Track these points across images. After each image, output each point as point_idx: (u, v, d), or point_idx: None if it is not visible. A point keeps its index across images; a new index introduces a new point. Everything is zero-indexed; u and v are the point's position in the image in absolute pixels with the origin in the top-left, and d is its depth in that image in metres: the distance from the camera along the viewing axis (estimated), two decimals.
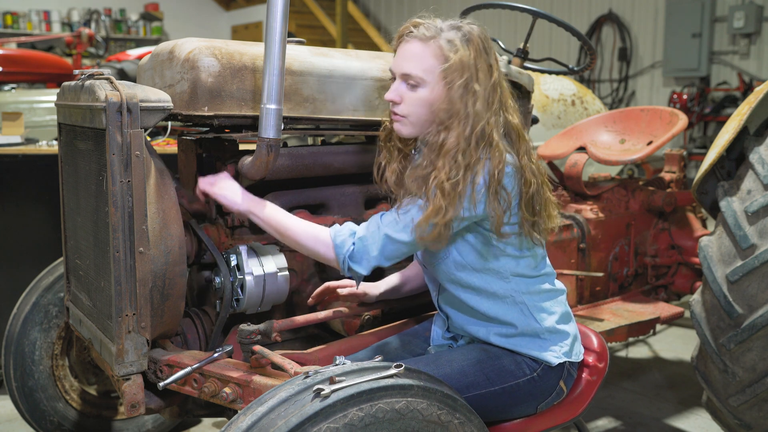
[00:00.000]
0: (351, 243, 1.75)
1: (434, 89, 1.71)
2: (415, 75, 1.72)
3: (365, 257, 1.74)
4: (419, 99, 1.73)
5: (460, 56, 1.68)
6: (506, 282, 1.79)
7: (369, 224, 1.76)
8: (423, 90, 1.72)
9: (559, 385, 1.86)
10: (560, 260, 2.96)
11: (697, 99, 8.61)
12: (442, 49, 1.69)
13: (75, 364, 2.63)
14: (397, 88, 1.76)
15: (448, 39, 1.70)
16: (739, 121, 2.60)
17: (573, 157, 3.27)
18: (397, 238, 1.71)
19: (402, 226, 1.71)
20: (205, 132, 2.12)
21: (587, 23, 9.85)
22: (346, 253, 1.75)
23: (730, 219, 2.47)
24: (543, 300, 1.83)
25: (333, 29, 11.09)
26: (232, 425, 1.41)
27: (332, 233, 1.78)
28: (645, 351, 4.05)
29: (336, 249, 1.76)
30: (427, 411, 1.48)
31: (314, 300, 2.12)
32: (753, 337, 2.36)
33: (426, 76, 1.71)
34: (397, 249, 1.73)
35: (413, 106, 1.74)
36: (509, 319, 1.80)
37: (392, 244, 1.72)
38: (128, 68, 5.47)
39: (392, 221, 1.72)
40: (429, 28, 1.72)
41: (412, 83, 1.73)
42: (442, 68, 1.69)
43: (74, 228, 2.15)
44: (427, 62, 1.70)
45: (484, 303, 1.81)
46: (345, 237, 1.76)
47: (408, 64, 1.73)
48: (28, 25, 11.05)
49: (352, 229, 1.78)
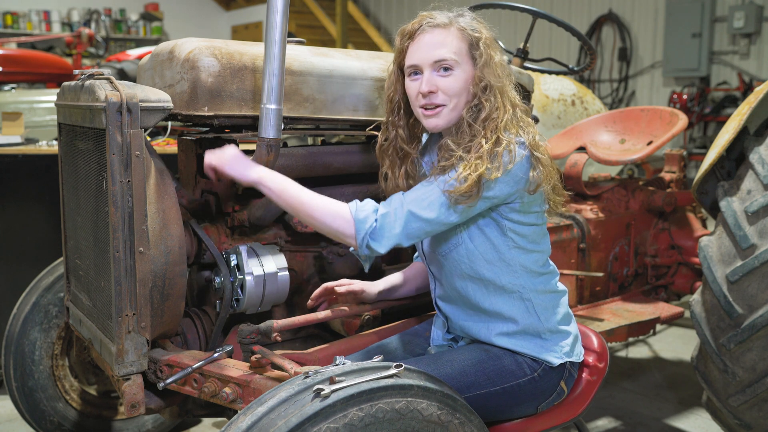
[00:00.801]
0: (374, 219, 1.71)
1: (467, 69, 1.77)
2: (448, 58, 1.75)
3: (387, 234, 1.71)
4: (456, 81, 1.76)
5: (481, 35, 1.78)
6: (515, 276, 1.79)
7: (392, 201, 1.74)
8: (458, 71, 1.76)
9: (559, 386, 1.86)
10: (560, 260, 2.96)
11: (697, 99, 8.61)
12: (464, 30, 1.77)
13: (75, 364, 2.63)
14: (429, 79, 1.76)
15: (465, 21, 1.79)
16: (739, 121, 2.60)
17: (573, 157, 3.27)
18: (422, 216, 1.69)
19: (427, 203, 1.69)
20: (205, 132, 2.12)
21: (587, 23, 9.85)
22: (368, 230, 1.71)
23: (730, 219, 2.47)
24: (548, 299, 1.84)
25: (333, 29, 11.09)
26: (232, 425, 1.41)
27: (353, 208, 1.74)
28: (645, 351, 4.05)
29: (357, 224, 1.72)
30: (427, 411, 1.48)
31: (314, 302, 2.12)
32: (753, 337, 2.36)
33: (458, 57, 1.76)
34: (420, 227, 1.71)
35: (451, 90, 1.76)
36: (512, 315, 1.81)
37: (416, 221, 1.70)
38: (128, 68, 5.47)
39: (417, 198, 1.71)
40: (443, 16, 1.79)
41: (446, 67, 1.76)
42: (470, 49, 1.77)
43: (74, 228, 2.15)
44: (455, 45, 1.76)
45: (490, 297, 1.81)
46: (368, 213, 1.72)
47: (438, 51, 1.76)
48: (28, 25, 11.06)
49: (374, 206, 1.75)
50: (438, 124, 1.79)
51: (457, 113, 1.78)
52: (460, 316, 1.88)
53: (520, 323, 1.81)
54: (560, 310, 1.87)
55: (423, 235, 1.74)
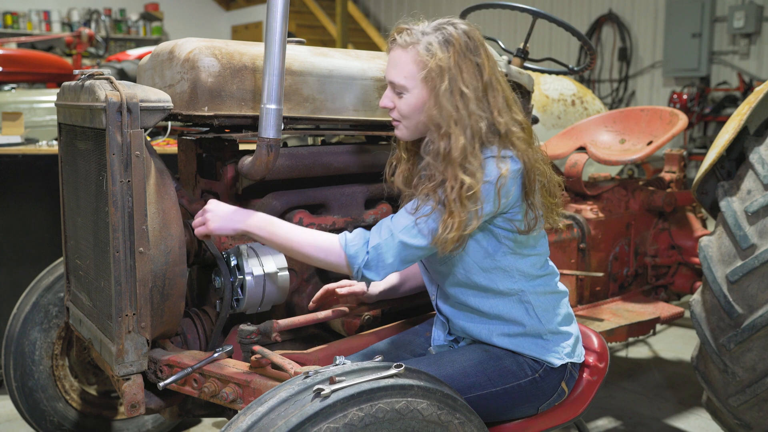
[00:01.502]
0: (365, 252, 1.71)
1: (418, 95, 1.72)
2: (397, 83, 1.74)
3: (381, 265, 1.71)
4: (407, 105, 1.74)
5: (438, 60, 1.67)
6: (513, 281, 1.78)
7: (381, 230, 1.72)
8: (408, 96, 1.73)
9: (560, 386, 1.86)
10: (560, 260, 2.96)
11: (697, 99, 8.61)
12: (419, 54, 1.70)
13: (75, 364, 2.63)
14: (388, 95, 1.79)
15: (427, 43, 1.69)
16: (739, 121, 2.60)
17: (573, 157, 3.27)
18: (413, 244, 1.69)
19: (416, 231, 1.68)
20: (205, 132, 2.12)
21: (587, 23, 9.84)
22: (361, 263, 1.71)
23: (730, 219, 2.47)
24: (547, 301, 1.83)
25: (333, 29, 11.09)
26: (232, 425, 1.41)
27: (343, 243, 1.73)
28: (645, 351, 4.05)
29: (350, 260, 1.72)
30: (427, 411, 1.48)
31: (315, 304, 2.12)
32: (753, 337, 2.36)
33: (407, 83, 1.72)
34: (412, 254, 1.71)
35: (402, 111, 1.76)
36: (512, 317, 1.80)
37: (407, 249, 1.69)
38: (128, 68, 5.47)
39: (407, 227, 1.69)
40: (411, 33, 1.72)
41: (397, 90, 1.75)
42: (422, 75, 1.70)
43: (74, 228, 2.15)
44: (407, 69, 1.71)
45: (489, 301, 1.80)
46: (358, 247, 1.71)
47: (391, 72, 1.75)
48: (28, 25, 11.05)
49: (365, 238, 1.73)
50: (402, 136, 1.81)
51: (417, 131, 1.78)
52: (461, 318, 1.87)
53: (521, 325, 1.81)
54: (561, 311, 1.86)
55: (418, 259, 1.75)
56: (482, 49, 1.72)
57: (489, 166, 1.67)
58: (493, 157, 1.67)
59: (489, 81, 1.71)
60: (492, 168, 1.66)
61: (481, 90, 1.70)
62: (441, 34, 1.70)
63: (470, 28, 1.73)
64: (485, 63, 1.71)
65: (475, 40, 1.72)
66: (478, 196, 1.64)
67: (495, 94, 1.71)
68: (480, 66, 1.70)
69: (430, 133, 1.74)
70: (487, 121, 1.69)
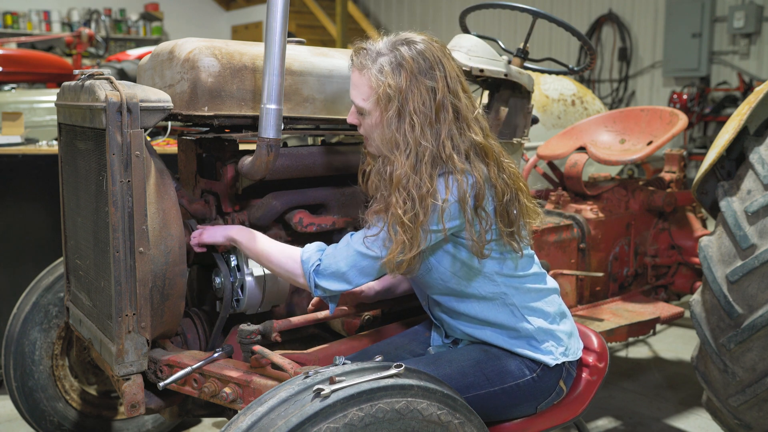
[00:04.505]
0: (317, 258, 1.75)
1: (375, 116, 1.72)
2: (357, 104, 1.75)
3: (331, 270, 1.73)
4: (368, 125, 1.76)
5: (387, 87, 1.66)
6: (494, 284, 1.78)
7: (339, 242, 1.76)
8: (367, 117, 1.75)
9: (558, 385, 1.86)
10: (560, 260, 2.96)
11: (697, 99, 8.61)
12: (372, 79, 1.69)
13: (75, 364, 2.63)
14: (353, 112, 1.80)
15: (380, 66, 1.67)
16: (739, 121, 2.60)
17: (573, 157, 3.27)
18: (370, 254, 1.70)
19: (371, 242, 1.70)
20: (205, 132, 2.12)
21: (587, 23, 9.84)
22: (311, 267, 1.74)
23: (730, 219, 2.46)
24: (532, 300, 1.82)
25: (333, 29, 11.09)
26: (232, 425, 1.41)
27: (302, 250, 1.79)
28: (645, 351, 4.05)
29: (303, 264, 1.76)
30: (427, 411, 1.48)
31: (315, 307, 2.13)
32: (753, 337, 2.36)
33: (365, 105, 1.73)
34: (371, 265, 1.71)
35: (364, 129, 1.78)
36: (500, 320, 1.80)
37: (365, 260, 1.70)
38: (128, 68, 5.47)
39: (363, 240, 1.71)
40: (367, 54, 1.71)
41: (358, 111, 1.76)
42: (374, 99, 1.69)
43: (74, 228, 2.15)
44: (364, 91, 1.72)
45: (476, 307, 1.80)
46: (312, 252, 1.77)
47: (352, 93, 1.76)
48: (28, 25, 11.05)
49: (321, 246, 1.79)
50: (371, 151, 1.82)
51: (381, 148, 1.76)
52: (454, 322, 1.87)
53: (509, 327, 1.80)
54: (550, 309, 1.84)
55: (378, 273, 1.74)
56: (438, 69, 1.68)
57: (437, 188, 1.64)
58: (442, 179, 1.65)
59: (442, 102, 1.67)
60: (440, 190, 1.64)
61: (433, 112, 1.66)
62: (394, 56, 1.67)
63: (427, 47, 1.68)
64: (438, 85, 1.67)
65: (430, 60, 1.67)
66: (422, 220, 1.62)
67: (447, 115, 1.67)
68: (433, 89, 1.67)
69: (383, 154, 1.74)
70: (435, 144, 1.66)
